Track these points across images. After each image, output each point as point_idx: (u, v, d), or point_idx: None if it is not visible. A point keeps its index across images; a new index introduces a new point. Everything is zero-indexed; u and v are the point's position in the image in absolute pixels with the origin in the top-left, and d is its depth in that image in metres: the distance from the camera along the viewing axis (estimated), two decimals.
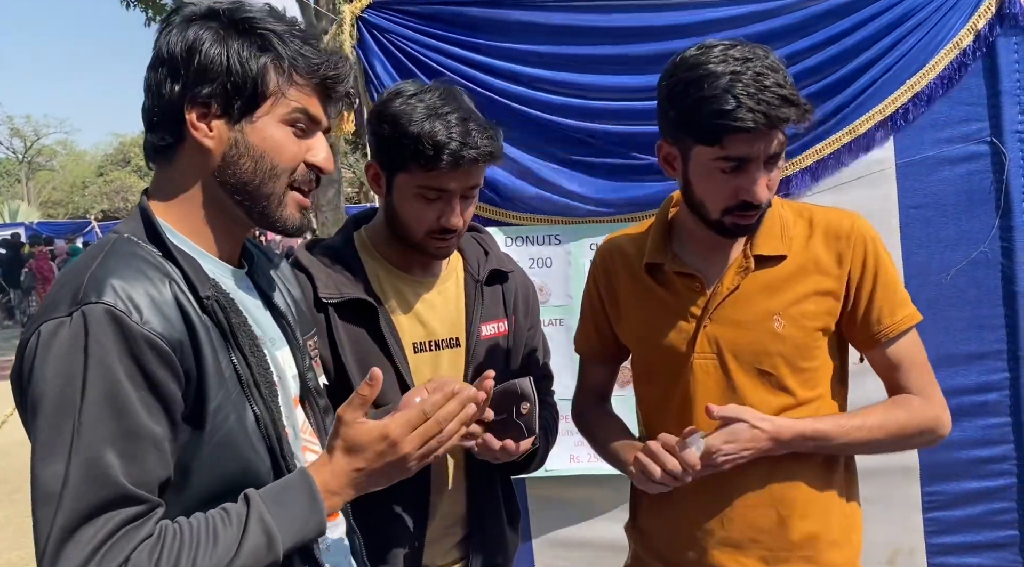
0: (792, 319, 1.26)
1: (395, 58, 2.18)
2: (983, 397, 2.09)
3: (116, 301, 0.84)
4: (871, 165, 2.12)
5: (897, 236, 2.10)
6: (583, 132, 2.18)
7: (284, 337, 1.07)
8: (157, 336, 0.85)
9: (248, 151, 0.95)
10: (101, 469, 0.81)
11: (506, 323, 1.48)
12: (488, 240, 1.55)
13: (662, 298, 1.34)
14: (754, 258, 1.28)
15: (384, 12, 2.16)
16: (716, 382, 1.28)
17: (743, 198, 1.20)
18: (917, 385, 1.32)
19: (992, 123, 2.05)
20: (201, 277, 0.93)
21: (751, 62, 1.14)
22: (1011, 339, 2.07)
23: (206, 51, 0.93)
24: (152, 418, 0.85)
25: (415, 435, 0.96)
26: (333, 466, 0.95)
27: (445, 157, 1.26)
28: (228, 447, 0.91)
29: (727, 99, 1.12)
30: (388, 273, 1.42)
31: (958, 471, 2.10)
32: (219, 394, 0.91)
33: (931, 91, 2.07)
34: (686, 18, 2.12)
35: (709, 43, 1.19)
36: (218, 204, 0.98)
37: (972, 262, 2.08)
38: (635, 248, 1.40)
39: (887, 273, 1.29)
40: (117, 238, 0.93)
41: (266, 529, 0.87)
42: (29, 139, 39.84)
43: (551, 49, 2.17)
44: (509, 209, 2.25)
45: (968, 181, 2.07)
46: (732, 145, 1.15)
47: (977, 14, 2.05)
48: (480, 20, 2.17)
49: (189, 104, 0.94)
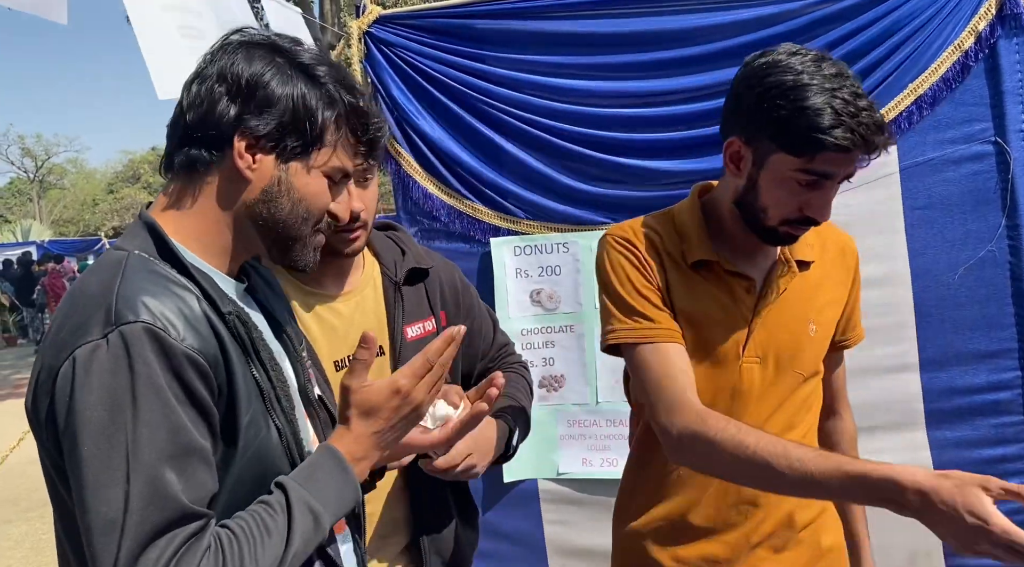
0: (821, 324, 1.31)
1: (403, 71, 2.22)
2: (995, 396, 2.08)
3: (153, 319, 0.84)
4: (875, 168, 2.11)
5: (903, 237, 2.11)
6: (590, 140, 2.21)
7: (284, 351, 1.07)
8: (196, 352, 0.85)
9: (289, 192, 0.96)
10: (162, 489, 0.81)
11: (433, 321, 1.43)
12: (404, 238, 1.49)
13: (715, 295, 1.28)
14: (796, 262, 1.29)
15: (391, 27, 2.20)
16: (761, 387, 1.29)
17: (808, 214, 1.19)
18: (844, 391, 1.49)
19: (996, 123, 2.06)
20: (220, 293, 0.93)
21: (847, 79, 1.12)
22: (1021, 337, 2.07)
23: (274, 87, 0.93)
24: (199, 433, 0.85)
25: (424, 383, 0.98)
26: (353, 433, 0.96)
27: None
28: (259, 461, 0.92)
29: (827, 115, 1.09)
30: (300, 292, 1.36)
31: (972, 471, 2.04)
32: (250, 409, 0.91)
33: (934, 94, 2.09)
34: (689, 23, 2.15)
35: (795, 48, 1.17)
36: (239, 230, 0.98)
37: (980, 261, 2.08)
38: (668, 239, 1.30)
39: (860, 287, 1.41)
40: (128, 255, 0.91)
41: (311, 508, 0.89)
42: (40, 158, 40.30)
43: (556, 58, 2.20)
44: (520, 217, 2.28)
45: (973, 181, 2.08)
46: (821, 161, 1.13)
47: (978, 16, 2.07)
48: (485, 32, 2.21)
49: (241, 133, 0.93)
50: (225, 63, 0.94)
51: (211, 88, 0.94)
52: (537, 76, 2.20)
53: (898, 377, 2.11)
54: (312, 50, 0.99)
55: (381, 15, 2.19)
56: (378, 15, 2.18)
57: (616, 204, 2.21)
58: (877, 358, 2.09)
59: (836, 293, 1.35)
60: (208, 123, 0.94)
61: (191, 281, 0.91)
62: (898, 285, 2.11)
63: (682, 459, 1.21)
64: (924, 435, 2.11)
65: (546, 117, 2.20)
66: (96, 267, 0.93)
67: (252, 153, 0.94)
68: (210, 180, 0.96)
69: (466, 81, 2.20)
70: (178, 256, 0.92)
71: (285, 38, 0.99)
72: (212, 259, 0.98)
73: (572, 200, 2.24)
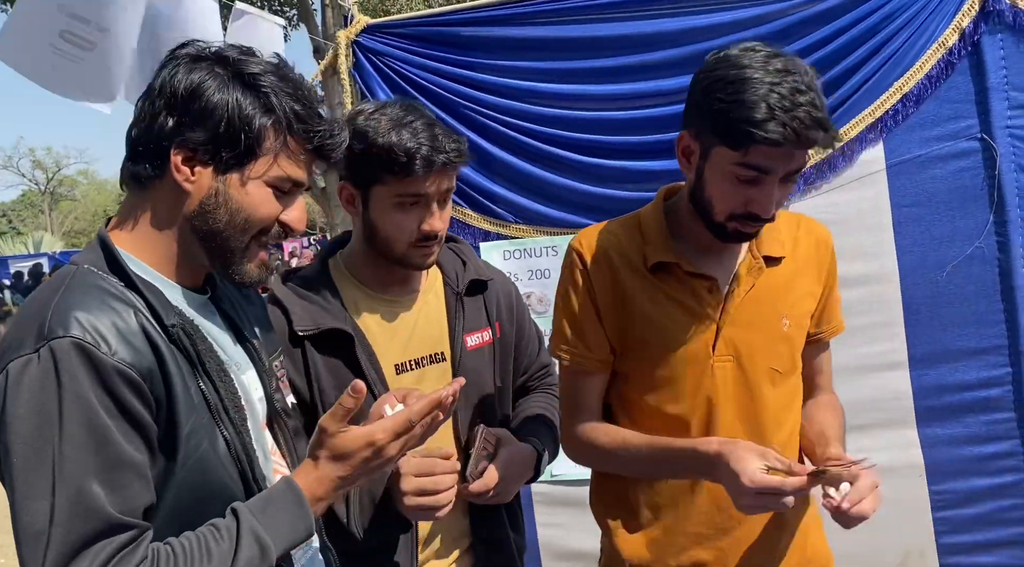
0: (794, 318, 1.31)
1: (392, 80, 2.25)
2: (985, 393, 2.08)
3: (83, 334, 0.84)
4: (862, 166, 2.14)
5: (891, 235, 2.12)
6: (577, 143, 2.23)
7: (250, 360, 1.07)
8: (127, 366, 0.85)
9: (226, 203, 0.96)
10: (87, 501, 0.81)
11: (490, 332, 1.48)
12: (465, 250, 1.55)
13: (676, 298, 1.28)
14: (763, 258, 1.29)
15: (378, 36, 2.23)
16: (735, 385, 1.28)
17: (751, 209, 1.18)
18: (828, 385, 1.44)
19: (981, 119, 2.06)
20: (165, 305, 0.93)
21: (791, 75, 1.11)
22: (1011, 334, 2.06)
23: (208, 97, 0.93)
24: (132, 445, 0.85)
25: (400, 441, 0.99)
26: (319, 473, 0.96)
27: (418, 162, 1.28)
28: (201, 472, 0.92)
29: (760, 108, 1.09)
30: (365, 296, 1.41)
31: (964, 468, 2.09)
32: (190, 420, 0.91)
33: (920, 91, 2.09)
34: (673, 26, 2.17)
35: (751, 45, 1.17)
36: (184, 242, 0.98)
37: (968, 258, 2.08)
38: (630, 244, 1.32)
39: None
40: (76, 269, 0.92)
41: (259, 539, 0.89)
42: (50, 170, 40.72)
43: (542, 64, 2.22)
44: (509, 221, 2.30)
45: (960, 178, 2.08)
46: (755, 155, 1.13)
47: (961, 13, 2.07)
48: (471, 39, 2.23)
49: (178, 146, 0.94)
50: (166, 76, 0.95)
51: (152, 102, 0.94)
52: (523, 81, 2.22)
53: (888, 375, 2.11)
54: (262, 59, 0.98)
55: (369, 24, 2.22)
56: (366, 24, 2.21)
57: (604, 206, 2.22)
58: (866, 356, 2.09)
59: (810, 287, 1.33)
60: (149, 138, 0.94)
61: (135, 294, 0.92)
62: (886, 283, 2.12)
63: (577, 461, 1.40)
64: (915, 433, 2.11)
65: (533, 122, 2.22)
66: (46, 283, 0.94)
67: (190, 166, 0.94)
68: (155, 194, 0.97)
69: (453, 88, 2.22)
70: (124, 269, 0.93)
71: (235, 49, 0.98)
72: (164, 269, 0.98)
73: (560, 203, 2.26)
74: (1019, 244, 2.05)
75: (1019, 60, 2.04)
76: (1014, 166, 2.05)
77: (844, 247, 2.10)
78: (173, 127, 0.93)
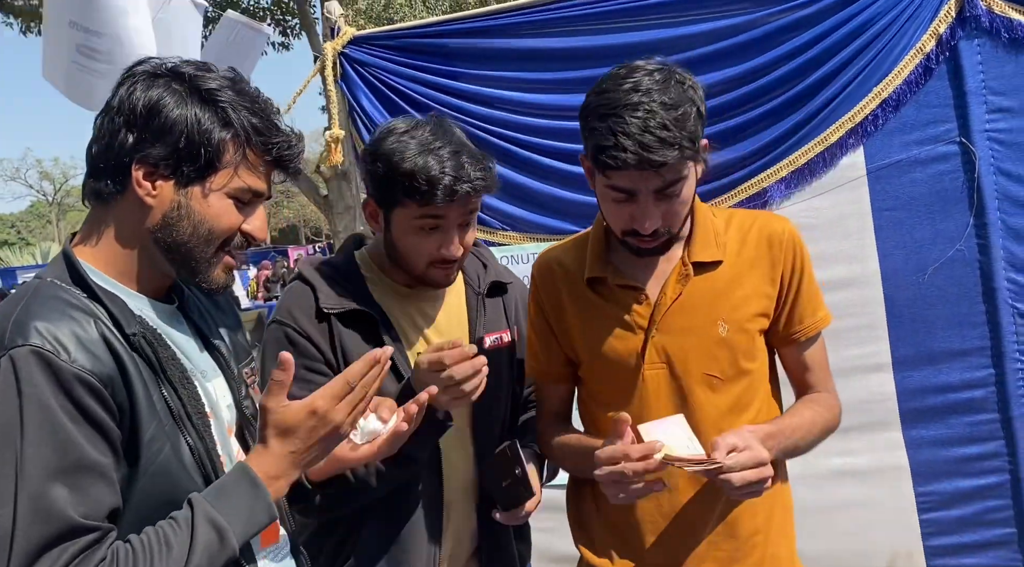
0: (735, 322, 1.30)
1: (379, 91, 2.29)
2: (969, 394, 2.09)
3: (43, 342, 0.86)
4: (843, 171, 2.16)
5: (872, 238, 2.14)
6: (563, 152, 2.25)
7: (218, 367, 1.08)
8: (87, 373, 0.87)
9: (189, 216, 0.98)
10: (48, 505, 0.83)
11: (509, 334, 1.50)
12: (486, 254, 1.59)
13: (607, 311, 1.33)
14: (692, 265, 1.31)
15: (365, 47, 2.27)
16: (668, 391, 1.30)
17: (633, 226, 1.23)
18: (823, 383, 1.40)
19: (960, 123, 2.08)
20: (127, 315, 0.95)
21: (652, 94, 1.15)
22: (993, 335, 2.07)
23: (167, 114, 0.95)
24: (96, 450, 0.87)
25: (344, 404, 0.98)
26: (270, 452, 0.97)
27: (440, 191, 1.29)
28: (164, 477, 0.93)
29: (607, 135, 1.15)
30: (389, 289, 1.45)
31: (949, 469, 2.10)
32: (151, 426, 0.93)
33: (899, 96, 2.12)
34: (656, 36, 2.20)
35: (635, 65, 1.21)
36: (147, 254, 1.00)
37: (949, 261, 2.09)
38: (573, 261, 1.38)
39: (810, 276, 1.36)
40: (40, 283, 0.95)
41: (215, 524, 0.90)
42: (58, 181, 40.99)
43: (528, 74, 2.26)
44: (496, 228, 2.33)
45: (940, 181, 2.10)
46: (615, 178, 1.19)
47: (938, 19, 2.10)
48: (458, 50, 2.27)
49: (139, 162, 0.96)
50: (124, 94, 0.97)
51: (112, 119, 0.97)
52: (510, 92, 2.26)
53: (872, 377, 2.12)
54: (219, 74, 1.00)
55: (355, 36, 2.26)
56: (352, 36, 2.25)
57: (589, 213, 2.23)
58: (850, 359, 2.11)
59: (759, 287, 1.32)
60: (109, 155, 0.97)
61: (97, 304, 0.94)
62: (869, 286, 2.14)
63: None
64: (899, 434, 2.12)
65: (520, 131, 2.26)
66: (10, 297, 0.97)
67: (151, 180, 0.97)
68: (116, 209, 0.99)
69: (440, 98, 2.26)
70: (86, 281, 0.95)
71: (192, 64, 1.00)
72: (127, 280, 1.00)
73: (547, 210, 2.29)
74: (999, 246, 2.06)
75: (996, 64, 2.07)
76: (993, 169, 2.07)
77: (826, 251, 2.15)
78: (133, 143, 0.96)
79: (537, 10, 2.21)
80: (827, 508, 2.09)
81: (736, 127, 2.18)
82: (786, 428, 1.28)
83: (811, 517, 1.78)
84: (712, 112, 2.09)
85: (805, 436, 1.31)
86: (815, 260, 2.00)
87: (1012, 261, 2.06)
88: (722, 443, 1.14)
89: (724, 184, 2.19)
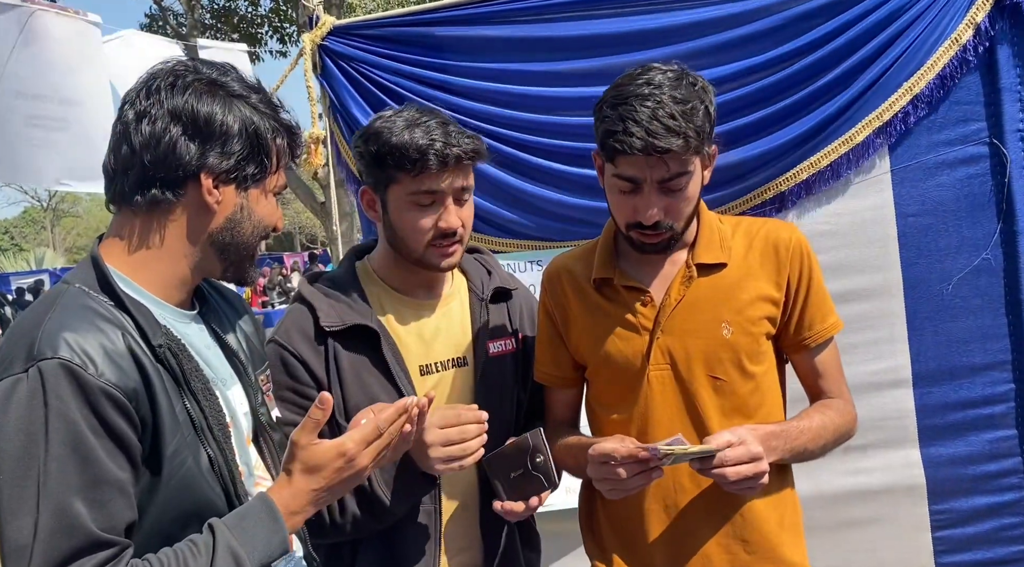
0: (739, 325, 1.30)
1: (361, 86, 2.08)
2: (989, 410, 2.01)
3: (72, 355, 0.87)
4: (866, 173, 2.01)
5: (895, 245, 2.01)
6: (558, 151, 2.08)
7: (236, 374, 1.10)
8: (113, 387, 0.88)
9: (250, 216, 1.04)
10: (70, 518, 0.85)
11: (513, 341, 1.50)
12: (491, 261, 1.58)
13: (612, 313, 1.35)
14: (696, 267, 1.32)
15: (346, 38, 2.06)
16: (672, 393, 1.31)
17: (637, 218, 1.25)
18: (836, 389, 1.40)
19: (991, 123, 1.94)
20: (153, 326, 0.96)
21: (663, 88, 1.20)
22: (1016, 349, 1.98)
23: (229, 123, 0.99)
24: (116, 464, 0.88)
25: (371, 449, 1.03)
26: (293, 488, 0.99)
27: (431, 158, 1.31)
28: (185, 489, 0.95)
29: (616, 122, 1.20)
30: (391, 298, 1.44)
31: (966, 487, 2.04)
32: (175, 439, 0.94)
33: (931, 92, 1.95)
34: (661, 22, 2.02)
35: (650, 66, 1.25)
36: (201, 257, 1.03)
37: (974, 270, 1.98)
38: (582, 266, 1.41)
39: (819, 282, 1.36)
40: (68, 289, 0.95)
41: (234, 554, 0.92)
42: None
43: (522, 65, 2.07)
44: (490, 235, 2.16)
45: (968, 185, 1.97)
46: (622, 165, 1.23)
47: (976, 6, 1.92)
48: (446, 40, 2.06)
49: (208, 170, 0.99)
50: (177, 103, 0.98)
51: (166, 129, 0.97)
52: (502, 84, 2.06)
53: (891, 393, 2.03)
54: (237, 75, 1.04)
55: (336, 26, 2.04)
56: (332, 26, 2.03)
57: (589, 219, 2.08)
58: (869, 374, 2.01)
59: (764, 291, 1.32)
60: (170, 165, 0.98)
61: (124, 314, 0.95)
62: (890, 297, 2.02)
63: None
64: (917, 452, 2.04)
65: (512, 129, 2.07)
66: (38, 301, 0.97)
67: (216, 186, 1.00)
68: (174, 216, 1.01)
69: (427, 93, 2.05)
70: (115, 289, 0.95)
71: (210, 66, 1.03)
72: (157, 288, 1.01)
73: (542, 214, 2.12)
74: None
75: None
76: None
77: (846, 260, 2.03)
78: (199, 153, 0.98)
79: None
80: (839, 526, 2.04)
81: (752, 124, 2.01)
82: (791, 429, 1.28)
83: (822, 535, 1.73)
84: (726, 108, 1.94)
85: (815, 439, 1.30)
86: (834, 269, 1.91)
87: None
88: (717, 437, 1.19)
89: (738, 189, 2.03)
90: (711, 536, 1.31)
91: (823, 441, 1.31)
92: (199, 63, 1.03)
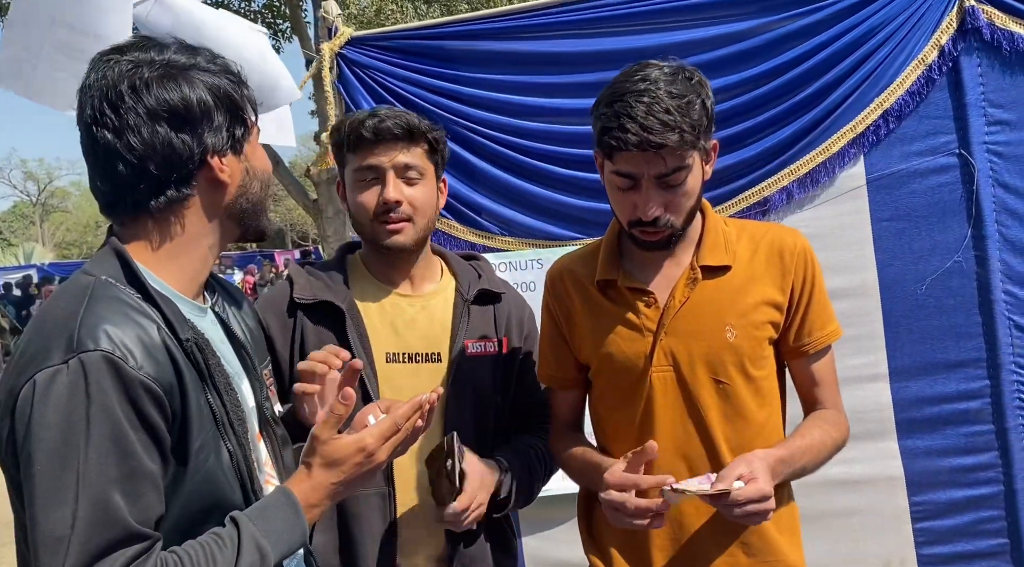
0: (743, 328, 1.30)
1: (376, 93, 2.26)
2: (964, 405, 2.10)
3: (113, 348, 0.87)
4: (843, 181, 2.16)
5: (871, 248, 2.14)
6: (562, 157, 2.24)
7: (244, 369, 1.09)
8: (152, 380, 0.89)
9: (253, 173, 1.05)
10: (109, 510, 0.84)
11: (496, 343, 1.50)
12: (484, 266, 1.62)
13: (616, 314, 1.34)
14: (701, 269, 1.31)
15: (363, 48, 2.24)
16: (675, 395, 1.30)
17: (637, 215, 1.25)
18: (831, 399, 1.39)
19: (959, 135, 2.09)
20: (180, 320, 0.96)
21: (659, 84, 1.19)
22: (989, 347, 2.08)
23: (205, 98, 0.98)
24: (150, 457, 0.88)
25: (389, 444, 1.05)
26: (312, 481, 1.00)
27: (365, 132, 1.40)
28: (208, 484, 0.95)
29: (612, 118, 1.19)
30: (372, 285, 1.49)
31: (943, 480, 2.11)
32: (201, 434, 0.95)
33: (900, 107, 2.12)
34: (657, 41, 2.19)
35: (648, 62, 1.24)
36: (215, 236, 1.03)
37: (947, 272, 2.10)
38: (585, 267, 1.40)
39: (821, 289, 1.36)
40: (95, 281, 0.94)
41: (258, 546, 0.93)
42: (43, 182, 40.50)
43: (528, 78, 2.24)
44: (494, 233, 2.30)
45: (938, 193, 2.11)
46: (619, 161, 1.23)
47: (940, 30, 2.10)
48: (457, 52, 2.25)
49: (211, 151, 0.99)
50: (149, 103, 0.95)
51: (154, 132, 0.96)
52: (509, 95, 2.24)
53: (868, 387, 2.12)
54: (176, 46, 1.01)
55: (353, 36, 2.23)
56: (350, 37, 2.22)
57: (589, 218, 2.24)
58: (847, 369, 2.09)
59: (768, 295, 1.31)
60: (176, 163, 0.97)
61: (154, 308, 0.94)
62: (867, 296, 2.14)
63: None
64: (895, 444, 2.12)
65: (519, 135, 2.24)
66: (63, 292, 0.95)
67: (221, 161, 1.01)
68: (190, 204, 1.01)
69: (438, 101, 2.23)
70: (143, 283, 0.95)
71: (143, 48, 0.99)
72: (177, 282, 1.01)
73: (546, 215, 2.27)
74: (997, 258, 2.07)
75: (996, 77, 2.08)
76: (991, 181, 2.08)
77: (825, 261, 2.10)
78: (194, 140, 0.98)
79: (536, 14, 2.19)
80: (821, 516, 2.08)
81: (738, 134, 2.17)
82: (796, 452, 1.27)
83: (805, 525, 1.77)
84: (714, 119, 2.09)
85: (814, 458, 1.30)
86: None
87: (1009, 273, 2.08)
88: (730, 472, 1.16)
89: (725, 192, 2.18)
90: (711, 539, 1.31)
91: (821, 458, 1.31)
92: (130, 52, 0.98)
